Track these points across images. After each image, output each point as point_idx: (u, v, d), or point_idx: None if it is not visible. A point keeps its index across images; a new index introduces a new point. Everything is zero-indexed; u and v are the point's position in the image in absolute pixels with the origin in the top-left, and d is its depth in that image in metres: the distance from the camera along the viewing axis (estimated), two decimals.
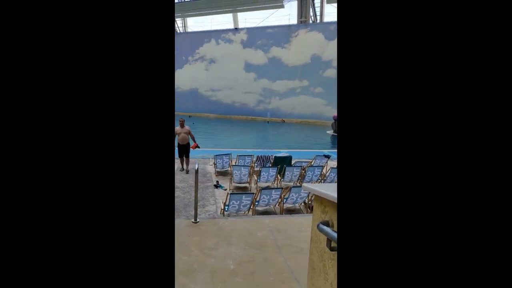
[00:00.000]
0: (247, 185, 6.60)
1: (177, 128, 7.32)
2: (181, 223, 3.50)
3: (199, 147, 7.69)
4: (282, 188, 4.88)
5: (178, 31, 38.50)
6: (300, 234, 3.30)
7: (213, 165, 7.84)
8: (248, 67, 33.59)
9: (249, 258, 2.77)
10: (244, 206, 4.58)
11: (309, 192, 4.92)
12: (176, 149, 7.34)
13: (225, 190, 6.43)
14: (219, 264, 2.64)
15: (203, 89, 36.15)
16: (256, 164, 7.61)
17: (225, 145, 13.70)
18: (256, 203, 4.75)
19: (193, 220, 3.52)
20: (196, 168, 3.51)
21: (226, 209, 4.60)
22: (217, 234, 3.23)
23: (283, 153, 8.41)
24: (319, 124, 26.23)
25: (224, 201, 4.81)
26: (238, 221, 3.72)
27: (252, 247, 2.98)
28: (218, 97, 35.44)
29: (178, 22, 37.15)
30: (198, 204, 5.34)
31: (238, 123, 27.98)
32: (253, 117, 31.80)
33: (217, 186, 6.60)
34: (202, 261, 2.67)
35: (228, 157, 7.63)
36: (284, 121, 29.89)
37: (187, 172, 7.32)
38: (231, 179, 6.56)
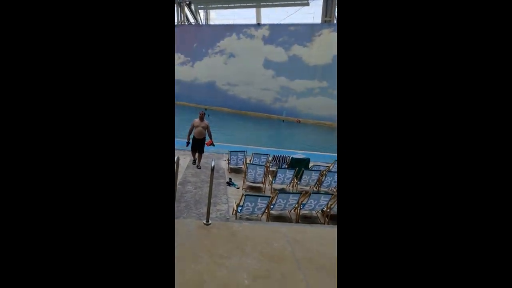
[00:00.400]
0: (261, 185, 6.29)
1: (196, 120, 7.01)
2: (191, 224, 3.23)
3: (213, 145, 7.37)
4: (300, 193, 4.55)
5: (200, 23, 38.43)
6: (321, 248, 2.96)
7: (227, 161, 7.58)
8: (268, 64, 33.19)
9: (265, 272, 2.47)
10: (258, 209, 4.28)
11: (329, 200, 4.57)
12: (191, 141, 7.08)
13: (238, 188, 6.16)
14: (232, 277, 2.34)
15: (221, 83, 36.06)
16: (271, 164, 7.29)
17: (238, 141, 13.44)
18: (271, 207, 4.44)
19: (204, 221, 3.24)
20: (212, 165, 3.22)
21: (239, 210, 4.32)
22: (230, 240, 2.93)
23: (300, 154, 8.06)
24: (335, 127, 25.65)
25: (237, 202, 4.53)
26: (253, 227, 3.41)
27: (269, 259, 2.67)
28: (235, 92, 35.27)
29: (201, 14, 37.13)
30: (211, 201, 5.09)
31: (252, 119, 27.68)
32: (268, 114, 31.45)
33: (229, 183, 6.33)
34: (212, 272, 2.38)
35: (243, 154, 7.34)
36: (299, 121, 29.36)
37: (199, 167, 7.05)
38: (245, 177, 6.27)
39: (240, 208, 4.30)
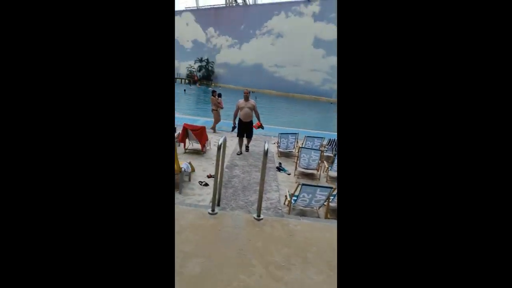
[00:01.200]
0: (315, 172, 5.56)
1: (241, 101, 6.20)
2: (240, 218, 2.67)
3: (262, 128, 6.61)
4: None
5: (248, 3, 37.49)
6: None
7: (276, 144, 6.97)
8: (317, 43, 31.29)
9: None
10: (316, 201, 3.60)
11: None
12: (237, 125, 6.44)
13: (289, 174, 5.53)
14: None
15: (268, 65, 35.20)
16: (326, 149, 6.49)
17: (286, 124, 12.73)
18: (331, 198, 3.73)
19: (255, 215, 2.67)
20: (265, 149, 2.59)
21: (293, 201, 3.70)
22: (287, 243, 2.32)
23: None
24: None
25: (291, 192, 3.91)
26: (313, 225, 2.75)
27: None
28: (282, 73, 34.18)
29: None
30: (259, 188, 4.56)
31: (300, 102, 26.47)
32: (316, 96, 29.96)
33: (279, 169, 5.72)
34: None
35: (294, 137, 6.65)
36: None
37: (247, 149, 6.48)
38: (296, 162, 5.59)
39: (295, 199, 3.67)
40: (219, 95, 8.61)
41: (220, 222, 2.54)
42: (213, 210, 2.66)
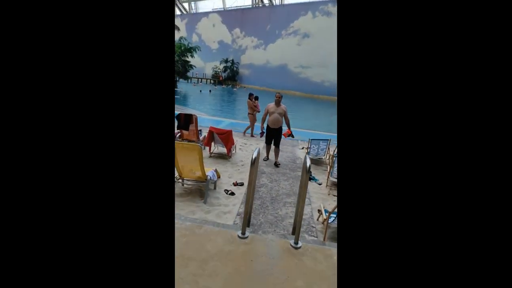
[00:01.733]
0: None
1: (271, 105, 5.60)
2: (274, 244, 2.30)
3: (292, 136, 6.11)
4: None
5: (274, 4, 37.12)
6: None
7: (305, 150, 6.54)
8: None
9: None
10: None
11: None
12: (264, 132, 6.00)
13: (320, 184, 5.10)
14: None
15: (293, 65, 34.63)
16: None
17: (313, 126, 12.21)
18: None
19: (292, 242, 2.29)
20: (308, 166, 2.18)
21: (330, 219, 3.28)
22: (334, 282, 1.92)
23: None
24: None
25: (326, 207, 3.49)
26: None
27: None
28: (308, 74, 33.47)
29: None
30: (288, 200, 4.17)
31: (326, 104, 25.64)
32: None
33: (310, 178, 5.30)
34: None
35: (326, 144, 6.19)
36: None
37: (278, 165, 5.81)
38: (329, 172, 5.13)
39: (332, 218, 3.26)
40: (256, 98, 8.13)
41: (252, 249, 2.19)
42: (243, 233, 2.32)
